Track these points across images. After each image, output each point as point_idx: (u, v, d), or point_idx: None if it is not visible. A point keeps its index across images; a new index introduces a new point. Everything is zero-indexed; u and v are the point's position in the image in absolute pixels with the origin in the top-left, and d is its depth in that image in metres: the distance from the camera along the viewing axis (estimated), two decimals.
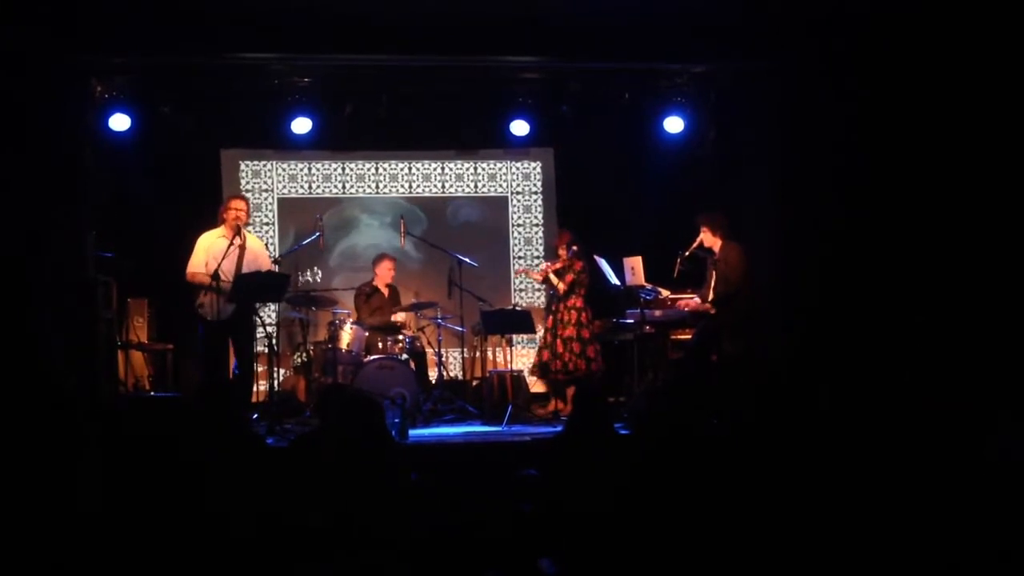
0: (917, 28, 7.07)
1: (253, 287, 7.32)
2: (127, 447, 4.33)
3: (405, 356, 8.26)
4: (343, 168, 9.82)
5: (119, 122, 8.28)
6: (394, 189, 9.87)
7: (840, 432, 4.33)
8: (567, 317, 8.31)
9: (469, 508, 4.35)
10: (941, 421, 4.56)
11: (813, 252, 7.56)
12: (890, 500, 3.64)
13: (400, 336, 8.45)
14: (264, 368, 7.97)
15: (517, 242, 10.03)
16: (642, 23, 7.34)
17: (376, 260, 9.01)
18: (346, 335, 8.10)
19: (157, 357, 8.74)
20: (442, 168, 9.93)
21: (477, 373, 9.11)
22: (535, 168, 10.03)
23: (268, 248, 8.31)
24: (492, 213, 9.98)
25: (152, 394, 8.36)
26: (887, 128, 7.33)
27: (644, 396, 7.44)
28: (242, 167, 9.67)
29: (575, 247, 8.35)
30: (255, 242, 7.78)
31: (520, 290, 9.97)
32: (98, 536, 3.61)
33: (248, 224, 7.77)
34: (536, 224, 10.06)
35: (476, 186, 9.98)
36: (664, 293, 7.88)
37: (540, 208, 10.05)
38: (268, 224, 9.68)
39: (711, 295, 7.50)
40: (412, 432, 7.19)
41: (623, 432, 5.38)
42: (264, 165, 9.71)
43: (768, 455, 3.92)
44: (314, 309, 8.71)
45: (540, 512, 4.17)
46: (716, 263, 7.46)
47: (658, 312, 7.92)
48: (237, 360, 7.59)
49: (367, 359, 8.05)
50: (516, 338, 9.06)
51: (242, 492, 3.87)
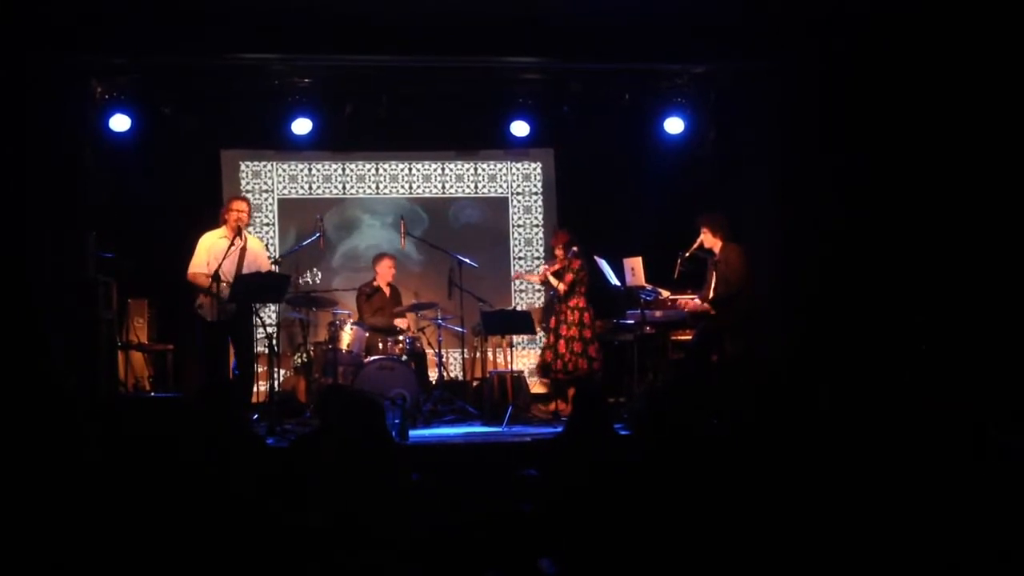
0: (917, 28, 7.08)
1: (253, 288, 7.32)
2: (127, 447, 4.32)
3: (405, 357, 8.26)
4: (343, 169, 9.81)
5: (119, 122, 8.30)
6: (394, 190, 9.86)
7: (840, 432, 4.33)
8: (570, 317, 8.31)
9: (469, 508, 4.34)
10: (941, 421, 4.56)
11: (813, 252, 7.57)
12: (890, 500, 3.64)
13: (400, 337, 8.45)
14: (264, 369, 7.97)
15: (517, 243, 10.02)
16: (642, 23, 7.35)
17: (376, 259, 9.00)
18: (346, 336, 8.11)
19: (157, 357, 8.74)
20: (442, 169, 9.92)
21: (477, 374, 9.11)
22: (535, 169, 10.02)
23: (268, 249, 8.32)
24: (492, 214, 9.97)
25: (152, 394, 8.36)
26: (887, 128, 7.34)
27: (644, 396, 7.41)
28: (242, 168, 9.67)
29: (574, 247, 8.34)
30: (255, 243, 7.79)
31: (520, 291, 9.96)
32: (98, 536, 3.60)
33: (249, 225, 7.78)
34: (536, 225, 10.05)
35: (476, 187, 9.97)
36: (664, 294, 7.87)
37: (540, 209, 10.04)
38: (268, 225, 9.67)
39: (711, 296, 7.49)
40: (412, 433, 7.19)
41: (623, 432, 5.37)
42: (264, 166, 9.71)
43: (768, 455, 3.91)
44: (314, 310, 8.71)
45: (540, 512, 4.17)
46: (716, 264, 7.46)
47: (658, 313, 7.92)
48: (237, 360, 7.58)
49: (367, 360, 8.05)
50: (516, 339, 9.05)
51: (242, 492, 3.87)
